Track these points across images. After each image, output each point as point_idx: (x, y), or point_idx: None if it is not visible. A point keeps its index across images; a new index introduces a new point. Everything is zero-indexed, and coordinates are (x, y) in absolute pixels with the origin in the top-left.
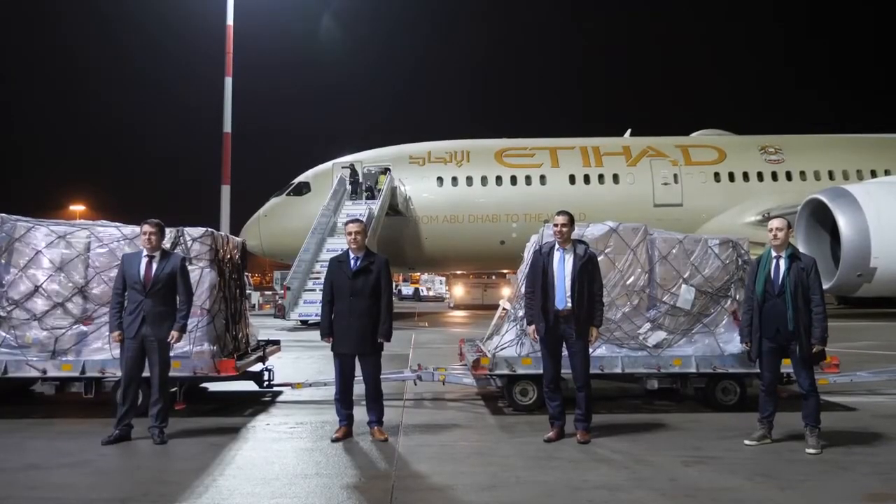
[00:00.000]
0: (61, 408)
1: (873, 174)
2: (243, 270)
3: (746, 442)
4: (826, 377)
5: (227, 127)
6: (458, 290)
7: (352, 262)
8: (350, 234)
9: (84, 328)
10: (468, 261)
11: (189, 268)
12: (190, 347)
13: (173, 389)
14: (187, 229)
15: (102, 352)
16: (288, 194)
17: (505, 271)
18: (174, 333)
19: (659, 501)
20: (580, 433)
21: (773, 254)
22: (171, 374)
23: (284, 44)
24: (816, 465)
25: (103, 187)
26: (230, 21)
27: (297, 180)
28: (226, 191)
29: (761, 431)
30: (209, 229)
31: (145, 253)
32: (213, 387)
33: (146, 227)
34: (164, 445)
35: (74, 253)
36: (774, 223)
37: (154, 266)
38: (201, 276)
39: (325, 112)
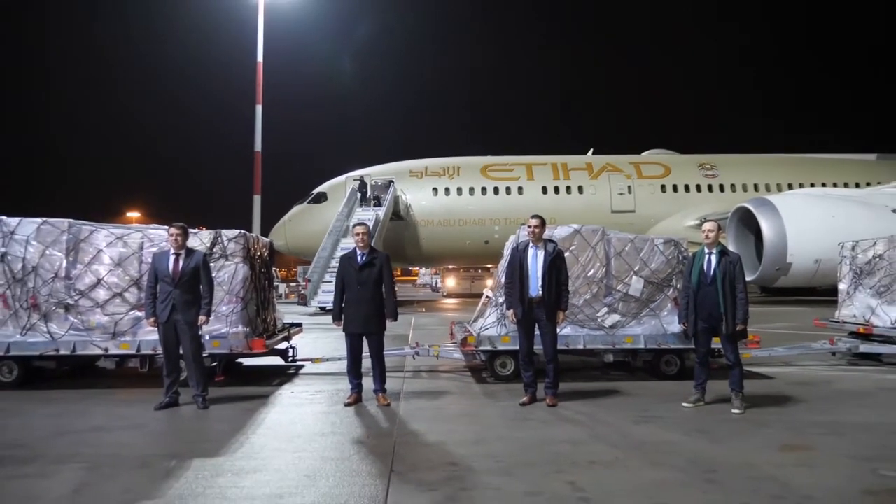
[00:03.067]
0: (120, 380)
1: (790, 187)
2: (271, 265)
3: (684, 404)
4: (749, 352)
5: (258, 146)
6: (450, 282)
7: (359, 257)
8: (357, 234)
9: (139, 314)
10: (459, 257)
11: (225, 263)
12: (227, 329)
13: (214, 364)
14: (224, 231)
15: (155, 333)
16: (308, 202)
17: (489, 266)
18: (202, 318)
19: (613, 453)
20: (549, 398)
21: (706, 250)
22: (213, 351)
23: (308, 78)
24: (741, 422)
25: (155, 197)
26: (260, 58)
27: (316, 190)
28: (257, 200)
29: (696, 396)
30: (242, 231)
31: (172, 251)
32: (247, 362)
33: (173, 230)
34: (206, 410)
35: (130, 251)
36: (707, 225)
37: (181, 262)
38: (236, 270)
39: (340, 134)
